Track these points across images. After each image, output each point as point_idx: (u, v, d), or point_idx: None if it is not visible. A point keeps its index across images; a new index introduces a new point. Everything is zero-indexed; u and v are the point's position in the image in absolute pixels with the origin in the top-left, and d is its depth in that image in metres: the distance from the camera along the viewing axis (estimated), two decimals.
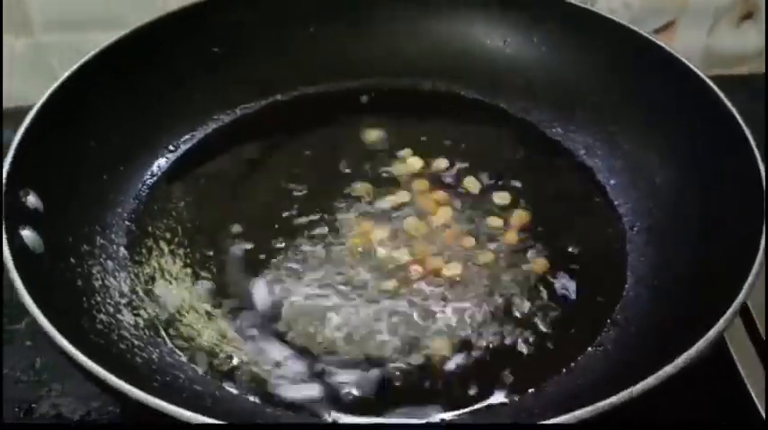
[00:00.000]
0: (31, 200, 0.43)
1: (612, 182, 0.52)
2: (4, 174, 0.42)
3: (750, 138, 0.44)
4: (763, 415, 0.43)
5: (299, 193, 0.52)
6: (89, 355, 0.34)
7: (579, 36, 0.57)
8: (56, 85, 0.48)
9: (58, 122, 0.48)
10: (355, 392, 0.41)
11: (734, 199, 0.43)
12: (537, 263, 0.47)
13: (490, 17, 0.60)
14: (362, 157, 0.55)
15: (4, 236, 0.39)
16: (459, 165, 0.54)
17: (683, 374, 0.34)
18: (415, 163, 0.54)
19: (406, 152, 0.55)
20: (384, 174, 0.54)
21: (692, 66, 0.50)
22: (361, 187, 0.53)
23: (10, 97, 0.68)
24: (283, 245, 0.49)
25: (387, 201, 0.52)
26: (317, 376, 0.42)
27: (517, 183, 0.53)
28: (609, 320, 0.44)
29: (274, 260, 0.48)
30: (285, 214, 0.51)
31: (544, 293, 0.46)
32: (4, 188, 0.41)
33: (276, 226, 0.50)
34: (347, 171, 0.54)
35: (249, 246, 0.49)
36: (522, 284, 0.46)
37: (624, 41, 0.54)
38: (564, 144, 0.56)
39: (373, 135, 0.56)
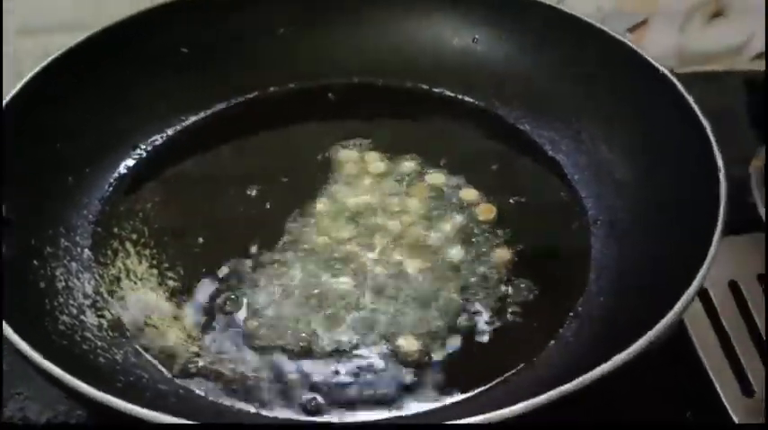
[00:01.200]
0: None
1: (577, 177, 0.53)
2: None
3: (710, 134, 0.45)
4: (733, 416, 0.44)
5: (267, 193, 0.52)
6: (50, 357, 0.34)
7: (546, 34, 0.58)
8: (20, 85, 0.49)
9: (21, 124, 0.48)
10: (321, 393, 0.41)
11: (692, 193, 0.44)
12: (501, 256, 0.48)
13: (459, 15, 0.60)
14: (331, 156, 0.55)
15: None
16: (427, 161, 0.54)
17: (640, 359, 0.34)
18: (382, 161, 0.55)
19: (373, 150, 0.55)
20: (352, 172, 0.54)
21: (655, 63, 0.51)
22: (329, 186, 0.53)
23: None
24: (250, 245, 0.49)
25: (354, 199, 0.52)
26: (282, 375, 0.42)
27: (484, 178, 0.53)
28: (571, 313, 0.44)
29: (241, 261, 0.48)
30: (252, 214, 0.51)
31: (507, 287, 0.46)
32: None
33: (243, 226, 0.50)
34: (316, 170, 0.54)
35: (215, 246, 0.49)
36: (487, 278, 0.47)
37: (590, 39, 0.55)
38: (531, 139, 0.56)
39: (342, 134, 0.56)
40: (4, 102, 0.47)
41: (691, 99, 0.48)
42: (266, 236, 0.49)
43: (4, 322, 0.35)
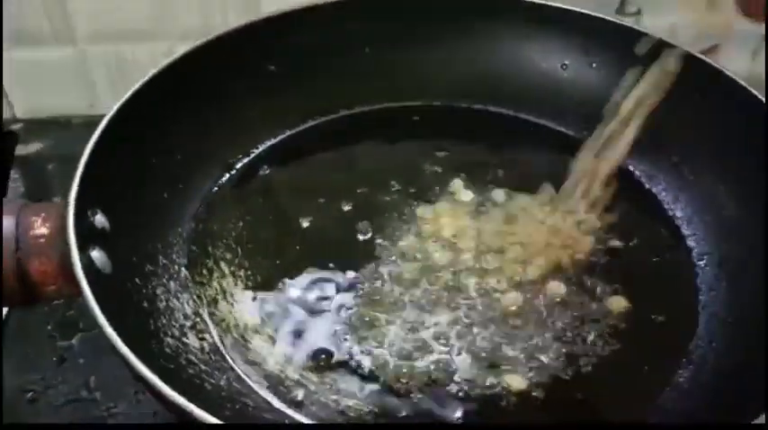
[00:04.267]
0: (99, 219, 0.43)
1: (679, 213, 0.52)
2: (74, 194, 0.41)
3: None
4: None
5: (359, 212, 0.52)
6: (164, 381, 0.34)
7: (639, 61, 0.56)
8: (118, 104, 0.48)
9: (120, 141, 0.47)
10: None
11: None
12: (612, 301, 0.46)
13: (548, 41, 0.59)
14: (418, 180, 0.54)
15: (76, 254, 0.38)
16: (515, 189, 0.53)
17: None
18: (469, 187, 0.54)
19: (460, 175, 0.55)
20: (441, 198, 0.53)
21: (759, 95, 0.50)
22: (419, 210, 0.52)
23: (51, 107, 0.69)
24: (343, 266, 0.48)
25: (446, 227, 0.51)
26: (384, 404, 0.41)
27: (580, 212, 0.52)
28: (683, 359, 0.43)
29: (336, 283, 0.47)
30: (345, 234, 0.50)
31: (615, 330, 0.45)
32: (74, 207, 0.41)
33: (336, 247, 0.50)
34: (405, 193, 0.53)
35: (309, 267, 0.48)
36: (588, 318, 0.46)
37: (688, 69, 0.53)
38: (625, 172, 0.55)
39: (428, 157, 0.56)
40: (106, 119, 0.46)
41: None
42: (358, 258, 0.49)
43: (125, 346, 0.34)
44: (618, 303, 0.46)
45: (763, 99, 0.50)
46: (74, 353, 0.49)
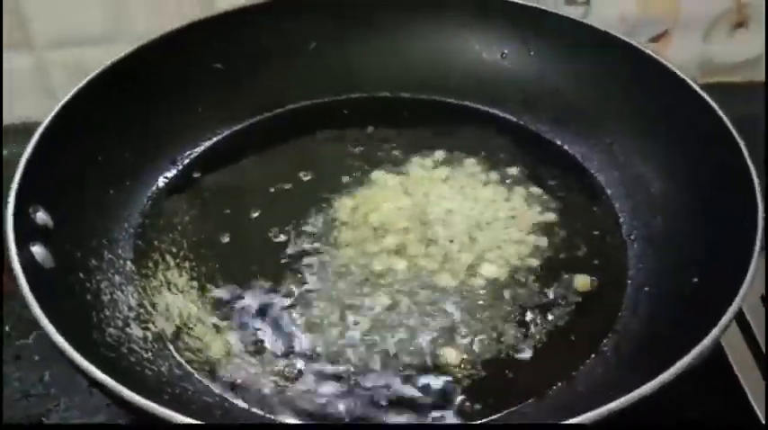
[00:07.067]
0: (41, 216, 0.44)
1: (610, 191, 0.53)
2: (14, 192, 0.43)
3: (743, 148, 0.45)
4: (762, 420, 0.44)
5: (301, 205, 0.53)
6: (101, 369, 0.35)
7: (575, 49, 0.58)
8: (62, 102, 0.49)
9: (64, 139, 0.48)
10: (364, 406, 0.42)
11: (728, 207, 0.44)
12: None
13: (487, 31, 0.61)
14: (364, 170, 0.56)
15: (15, 251, 0.40)
16: (460, 174, 0.55)
17: (680, 380, 0.35)
18: (414, 171, 0.56)
19: (406, 163, 0.56)
20: (388, 184, 0.55)
21: (685, 77, 0.51)
22: (361, 197, 0.53)
23: (11, 113, 0.69)
24: (287, 256, 0.49)
25: (383, 212, 0.52)
26: (323, 388, 0.43)
27: (517, 193, 0.54)
28: (609, 329, 0.45)
29: (280, 272, 0.48)
30: (287, 223, 0.51)
31: (545, 301, 0.47)
32: (13, 205, 0.42)
33: (279, 236, 0.51)
34: (347, 182, 0.55)
35: (254, 258, 0.49)
36: (524, 294, 0.47)
37: (619, 54, 0.55)
38: (562, 153, 0.57)
39: (373, 148, 0.57)
40: (48, 119, 0.47)
41: (722, 114, 0.48)
42: (302, 246, 0.50)
43: (59, 335, 0.36)
44: (583, 281, 0.47)
45: (690, 81, 0.51)
46: (30, 351, 0.50)
